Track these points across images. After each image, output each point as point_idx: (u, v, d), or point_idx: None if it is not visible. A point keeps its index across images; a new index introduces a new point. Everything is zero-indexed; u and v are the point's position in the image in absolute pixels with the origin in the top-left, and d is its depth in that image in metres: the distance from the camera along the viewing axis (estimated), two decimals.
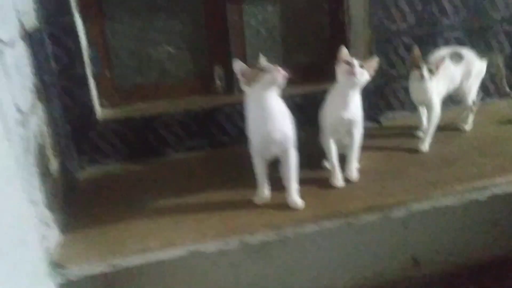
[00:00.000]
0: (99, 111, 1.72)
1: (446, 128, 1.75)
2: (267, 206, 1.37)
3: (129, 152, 1.73)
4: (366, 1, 1.78)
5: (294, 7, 1.90)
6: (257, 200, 1.39)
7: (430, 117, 1.65)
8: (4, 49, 1.10)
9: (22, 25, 1.28)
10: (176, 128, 1.76)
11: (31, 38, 1.33)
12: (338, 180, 1.46)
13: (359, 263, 2.19)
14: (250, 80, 1.26)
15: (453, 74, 1.70)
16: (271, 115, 1.28)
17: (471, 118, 1.79)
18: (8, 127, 1.05)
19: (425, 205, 1.38)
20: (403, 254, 2.24)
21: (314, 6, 1.91)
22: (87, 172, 1.69)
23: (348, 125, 1.43)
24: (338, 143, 1.48)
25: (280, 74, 1.22)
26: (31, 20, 1.38)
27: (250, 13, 1.84)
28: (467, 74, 1.72)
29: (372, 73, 1.38)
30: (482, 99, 1.85)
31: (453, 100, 1.80)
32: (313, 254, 2.10)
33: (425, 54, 1.64)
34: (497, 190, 1.42)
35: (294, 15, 1.92)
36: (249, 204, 1.39)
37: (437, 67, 1.58)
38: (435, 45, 1.82)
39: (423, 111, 1.74)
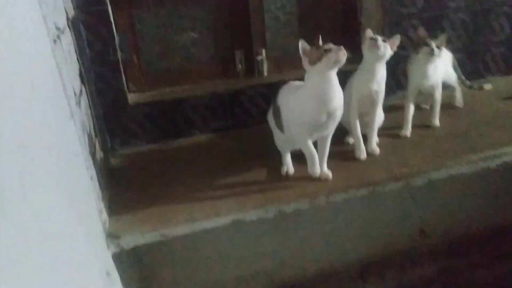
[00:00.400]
0: (129, 95, 1.81)
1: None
2: (299, 179, 1.48)
3: (157, 134, 1.82)
4: None
5: None
6: (312, 172, 1.46)
7: (436, 95, 1.75)
8: (61, 36, 1.18)
9: (67, 14, 1.36)
10: (201, 110, 1.85)
11: (73, 26, 1.41)
12: (362, 152, 1.58)
13: (372, 234, 2.32)
14: (314, 60, 1.30)
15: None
16: (336, 92, 1.33)
17: (459, 95, 1.92)
18: (72, 108, 1.14)
19: (443, 173, 1.50)
20: (411, 224, 2.38)
21: None
22: (119, 154, 1.78)
23: (375, 96, 1.55)
24: (360, 121, 1.60)
25: (343, 53, 1.28)
26: (71, 9, 1.46)
27: None
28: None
29: (395, 49, 1.51)
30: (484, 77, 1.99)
31: None
32: (329, 226, 2.22)
33: (433, 36, 1.74)
34: (507, 158, 1.56)
35: (310, 1, 2.01)
36: (281, 178, 1.50)
37: (441, 45, 1.67)
38: (442, 28, 1.94)
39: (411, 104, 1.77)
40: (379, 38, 1.49)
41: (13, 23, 0.78)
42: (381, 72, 1.54)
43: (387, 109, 1.71)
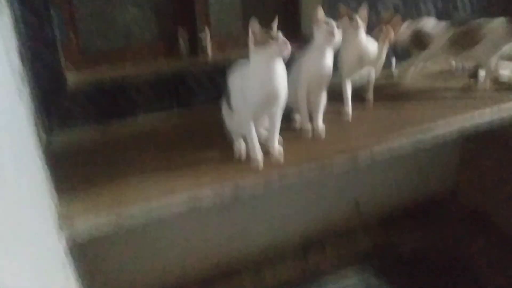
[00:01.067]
0: (67, 75, 1.71)
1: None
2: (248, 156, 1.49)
3: (99, 116, 1.75)
4: None
5: None
6: (254, 161, 1.45)
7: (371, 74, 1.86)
8: (1, 9, 1.09)
9: None
10: (145, 90, 1.80)
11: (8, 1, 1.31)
12: (309, 130, 1.64)
13: (312, 212, 2.42)
14: (258, 43, 1.32)
15: None
16: (277, 74, 1.35)
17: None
18: (19, 85, 1.06)
19: (384, 147, 1.61)
20: (346, 199, 2.52)
21: None
22: (58, 136, 1.68)
23: (325, 78, 1.60)
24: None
25: (286, 49, 1.29)
26: None
27: None
28: None
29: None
30: None
31: None
32: (271, 207, 2.28)
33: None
34: (438, 131, 1.69)
35: None
36: (232, 157, 1.51)
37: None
38: (375, 9, 2.05)
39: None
40: (334, 25, 1.50)
41: None
42: (331, 54, 1.58)
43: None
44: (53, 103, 1.66)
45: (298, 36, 2.10)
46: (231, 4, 2.00)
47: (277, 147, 1.50)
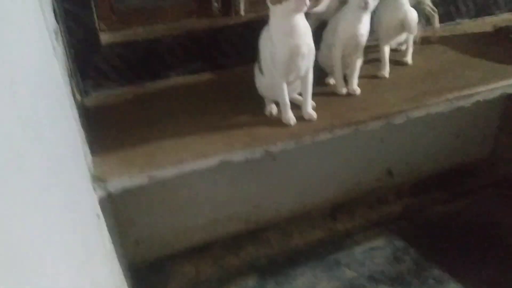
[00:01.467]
0: (100, 35, 1.71)
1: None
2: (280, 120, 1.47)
3: (132, 76, 1.74)
4: None
5: None
6: (286, 121, 1.44)
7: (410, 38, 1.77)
8: None
9: None
10: (177, 51, 1.78)
11: None
12: (343, 88, 1.61)
13: (342, 175, 2.40)
14: (276, 1, 1.29)
15: None
16: (298, 30, 1.32)
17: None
18: (53, 42, 1.06)
19: (421, 113, 1.55)
20: (379, 164, 2.48)
21: None
22: (93, 96, 1.70)
23: (360, 39, 1.55)
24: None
25: (304, 4, 1.26)
26: None
27: None
28: None
29: None
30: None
31: None
32: (302, 169, 2.27)
33: None
34: (480, 97, 1.62)
35: None
36: (266, 119, 1.50)
37: None
38: None
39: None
40: None
41: None
42: (367, 17, 1.52)
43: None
44: (86, 63, 1.66)
45: None
46: None
47: (310, 111, 1.47)
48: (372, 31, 1.62)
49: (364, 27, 1.54)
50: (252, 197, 2.25)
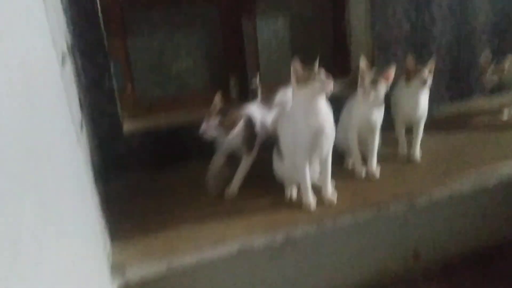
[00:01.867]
0: (123, 124, 1.77)
1: None
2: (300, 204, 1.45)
3: (153, 163, 1.78)
4: (367, 13, 1.94)
5: (301, 19, 2.05)
6: (307, 205, 1.42)
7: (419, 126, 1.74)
8: (65, 60, 1.15)
9: (66, 40, 1.34)
10: (196, 136, 1.81)
11: (70, 52, 1.38)
12: (363, 171, 1.60)
13: (367, 260, 2.30)
14: (301, 82, 1.32)
15: None
16: (321, 111, 1.34)
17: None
18: (77, 133, 1.10)
19: (443, 191, 1.52)
20: (405, 247, 2.38)
21: (320, 18, 2.07)
22: (113, 183, 1.72)
23: (374, 124, 1.58)
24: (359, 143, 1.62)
25: (330, 85, 1.30)
26: (68, 35, 1.43)
27: (262, 26, 1.97)
28: None
29: (390, 81, 1.53)
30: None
31: None
32: (324, 254, 2.19)
33: (420, 59, 1.78)
34: (503, 178, 1.59)
35: (301, 27, 2.06)
36: (285, 203, 1.48)
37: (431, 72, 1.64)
38: (429, 51, 2.00)
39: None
40: (371, 89, 1.50)
41: (25, 44, 0.76)
42: (379, 102, 1.55)
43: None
44: (108, 152, 1.70)
45: (347, 80, 2.09)
46: (279, 50, 2.03)
47: (330, 191, 1.46)
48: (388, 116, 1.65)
49: (377, 114, 1.56)
50: (273, 283, 2.16)
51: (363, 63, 1.53)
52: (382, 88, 1.51)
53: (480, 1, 2.13)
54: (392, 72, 1.52)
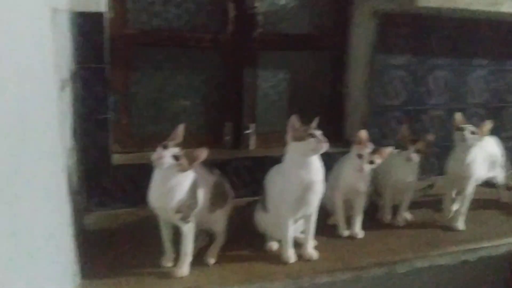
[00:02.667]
0: (112, 156, 1.76)
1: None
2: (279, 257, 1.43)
3: (137, 198, 1.75)
4: (365, 77, 2.00)
5: (301, 76, 2.10)
6: (286, 259, 1.41)
7: (407, 195, 1.72)
8: (65, 87, 1.17)
9: (69, 67, 1.36)
10: None
11: (71, 79, 1.40)
12: (346, 230, 1.60)
13: None
14: (296, 138, 1.34)
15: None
16: (313, 167, 1.36)
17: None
18: (65, 160, 1.09)
19: (425, 263, 1.51)
20: None
21: (319, 77, 2.13)
22: (95, 215, 1.69)
23: (361, 189, 1.60)
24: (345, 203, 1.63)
25: (323, 145, 1.32)
26: (71, 62, 1.46)
27: (263, 77, 2.02)
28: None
29: (380, 160, 1.55)
30: None
31: None
32: None
33: (412, 129, 1.82)
34: (485, 253, 1.59)
35: (300, 83, 2.11)
36: (266, 255, 1.46)
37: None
38: (421, 121, 2.05)
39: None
40: (365, 164, 1.52)
41: (24, 66, 0.77)
42: (368, 170, 1.56)
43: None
44: (94, 182, 1.69)
45: (340, 140, 2.12)
46: (276, 103, 2.07)
47: (311, 250, 1.44)
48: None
49: (364, 180, 1.59)
50: None
51: (363, 135, 1.55)
52: (377, 163, 1.54)
53: (475, 80, 2.21)
54: (388, 152, 1.56)
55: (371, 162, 1.53)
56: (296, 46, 2.05)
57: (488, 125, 1.67)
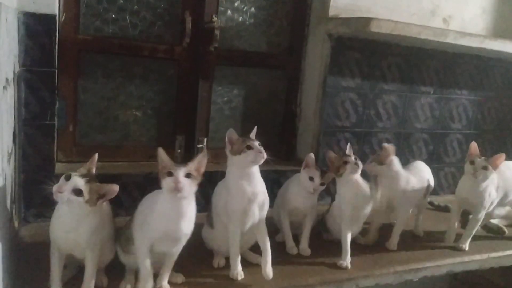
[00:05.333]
0: (55, 165, 1.68)
1: None
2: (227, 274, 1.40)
3: None
4: (318, 98, 2.05)
5: (256, 93, 2.12)
6: (235, 274, 1.38)
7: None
8: (8, 88, 1.10)
9: (14, 69, 1.29)
10: (133, 190, 1.76)
11: (15, 81, 1.33)
12: (293, 248, 1.60)
13: None
14: (234, 151, 1.36)
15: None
16: (255, 179, 1.37)
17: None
18: (3, 165, 1.03)
19: (370, 282, 1.53)
20: None
21: (273, 96, 2.15)
22: (32, 226, 1.59)
23: (308, 210, 1.62)
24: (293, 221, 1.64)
25: (261, 156, 1.34)
26: (17, 64, 1.39)
27: (218, 92, 2.01)
28: None
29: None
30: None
31: None
32: None
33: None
34: (427, 273, 1.63)
35: (255, 100, 2.12)
36: (213, 271, 1.44)
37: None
38: (370, 143, 2.11)
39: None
40: (317, 186, 1.55)
41: None
42: (318, 192, 1.59)
43: None
44: (34, 191, 1.59)
45: (292, 158, 2.14)
46: (230, 118, 2.07)
47: (268, 270, 1.39)
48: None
49: (308, 202, 1.61)
50: None
51: (310, 160, 1.58)
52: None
53: (421, 106, 2.31)
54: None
55: (322, 184, 1.56)
56: (252, 63, 2.07)
57: (501, 157, 1.63)
